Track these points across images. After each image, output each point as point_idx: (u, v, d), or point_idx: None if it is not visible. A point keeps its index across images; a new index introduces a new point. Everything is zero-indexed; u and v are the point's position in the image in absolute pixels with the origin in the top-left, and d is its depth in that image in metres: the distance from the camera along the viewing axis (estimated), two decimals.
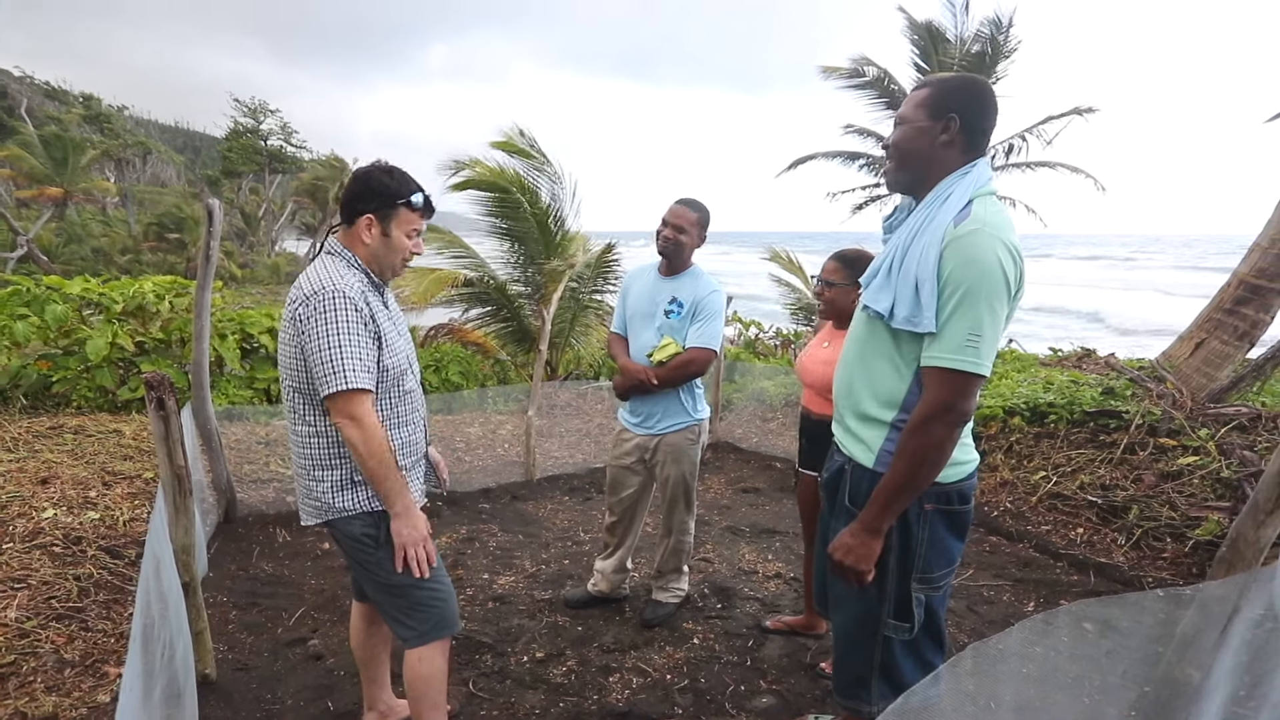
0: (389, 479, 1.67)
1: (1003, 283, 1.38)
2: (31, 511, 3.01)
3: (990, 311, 1.38)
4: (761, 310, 13.01)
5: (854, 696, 1.68)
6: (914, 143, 1.51)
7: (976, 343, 1.38)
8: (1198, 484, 3.62)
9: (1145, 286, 38.38)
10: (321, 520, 1.77)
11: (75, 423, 4.37)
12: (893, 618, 1.59)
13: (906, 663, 1.62)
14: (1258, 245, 4.72)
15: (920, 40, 12.33)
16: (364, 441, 1.63)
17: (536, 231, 8.09)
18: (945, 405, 1.41)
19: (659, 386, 2.63)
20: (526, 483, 4.87)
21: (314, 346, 1.61)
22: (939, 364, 1.42)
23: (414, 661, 1.85)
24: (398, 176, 1.72)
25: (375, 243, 1.73)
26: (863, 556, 1.51)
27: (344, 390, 1.60)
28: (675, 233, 2.61)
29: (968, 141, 1.49)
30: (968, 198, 1.45)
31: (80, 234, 26.04)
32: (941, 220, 1.44)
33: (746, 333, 10.98)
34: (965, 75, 1.58)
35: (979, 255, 1.37)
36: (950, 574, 1.63)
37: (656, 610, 2.93)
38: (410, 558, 1.72)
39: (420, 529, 1.73)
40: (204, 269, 3.16)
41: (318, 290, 1.62)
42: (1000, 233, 1.39)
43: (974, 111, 1.47)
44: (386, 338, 1.72)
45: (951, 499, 1.56)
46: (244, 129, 37.16)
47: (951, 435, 1.43)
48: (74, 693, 2.13)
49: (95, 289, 5.35)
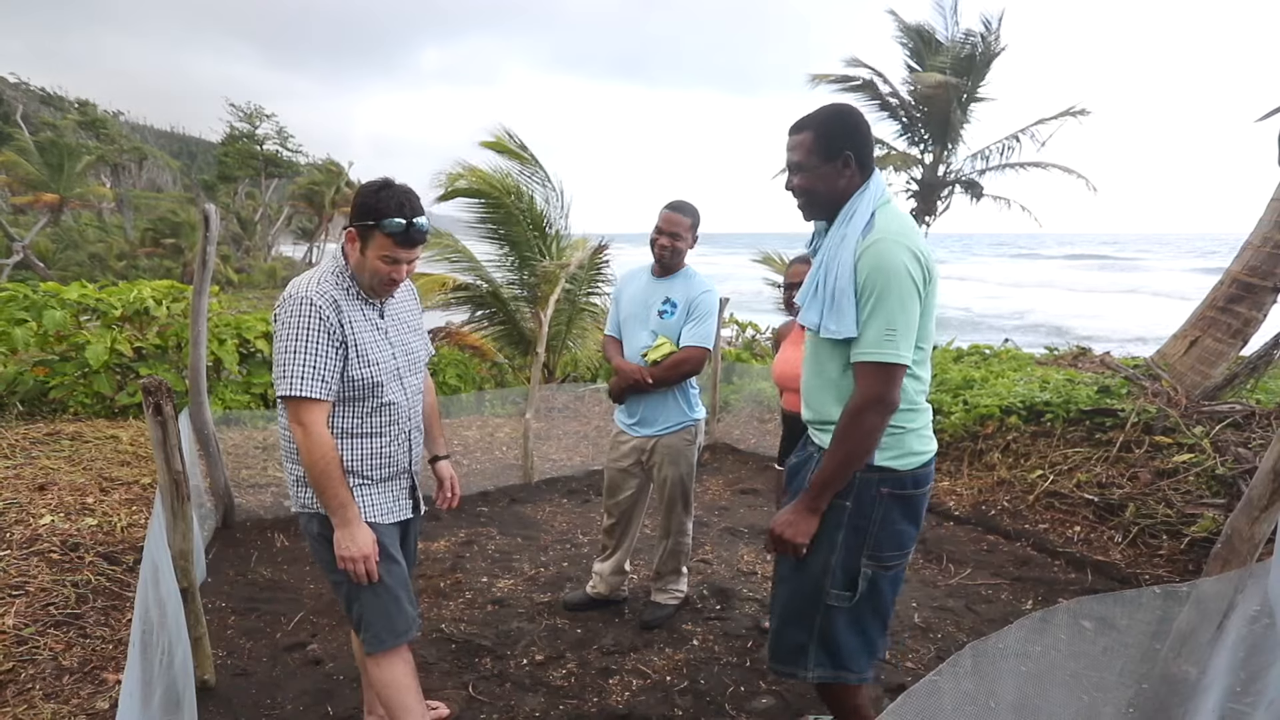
0: (327, 490, 1.68)
1: (909, 281, 1.55)
2: (29, 518, 3.00)
3: (902, 307, 1.55)
4: (758, 311, 13.03)
5: (791, 663, 1.79)
6: (820, 185, 1.68)
7: (893, 336, 1.55)
8: (1193, 481, 3.64)
9: (1114, 289, 37.81)
10: (297, 510, 1.84)
11: (72, 429, 4.35)
12: (837, 588, 1.70)
13: (847, 633, 1.73)
14: (1250, 244, 4.75)
15: (911, 43, 12.39)
16: (305, 450, 1.65)
17: (529, 235, 8.10)
18: (875, 396, 1.57)
19: (654, 386, 2.63)
20: (525, 486, 4.87)
21: (275, 349, 1.67)
22: (863, 359, 1.58)
23: (373, 668, 1.85)
24: (384, 198, 1.67)
25: (355, 258, 1.73)
26: (801, 531, 1.66)
27: (290, 396, 1.63)
28: (671, 240, 2.63)
29: (861, 167, 1.66)
30: (870, 211, 1.62)
31: (77, 240, 26.01)
32: (851, 235, 1.61)
33: (744, 334, 11.00)
34: (837, 110, 1.72)
35: (885, 261, 1.55)
36: (902, 558, 1.74)
37: (655, 612, 2.94)
38: (349, 570, 1.72)
39: (361, 546, 1.71)
40: (200, 274, 3.16)
41: (288, 296, 1.67)
42: (903, 238, 1.58)
43: (860, 142, 1.67)
44: (361, 348, 1.71)
45: (905, 484, 1.69)
46: (240, 134, 37.11)
47: (882, 422, 1.59)
48: (72, 700, 2.13)
49: (92, 295, 5.34)
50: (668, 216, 2.64)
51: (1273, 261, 4.59)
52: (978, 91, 12.32)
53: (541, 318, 5.06)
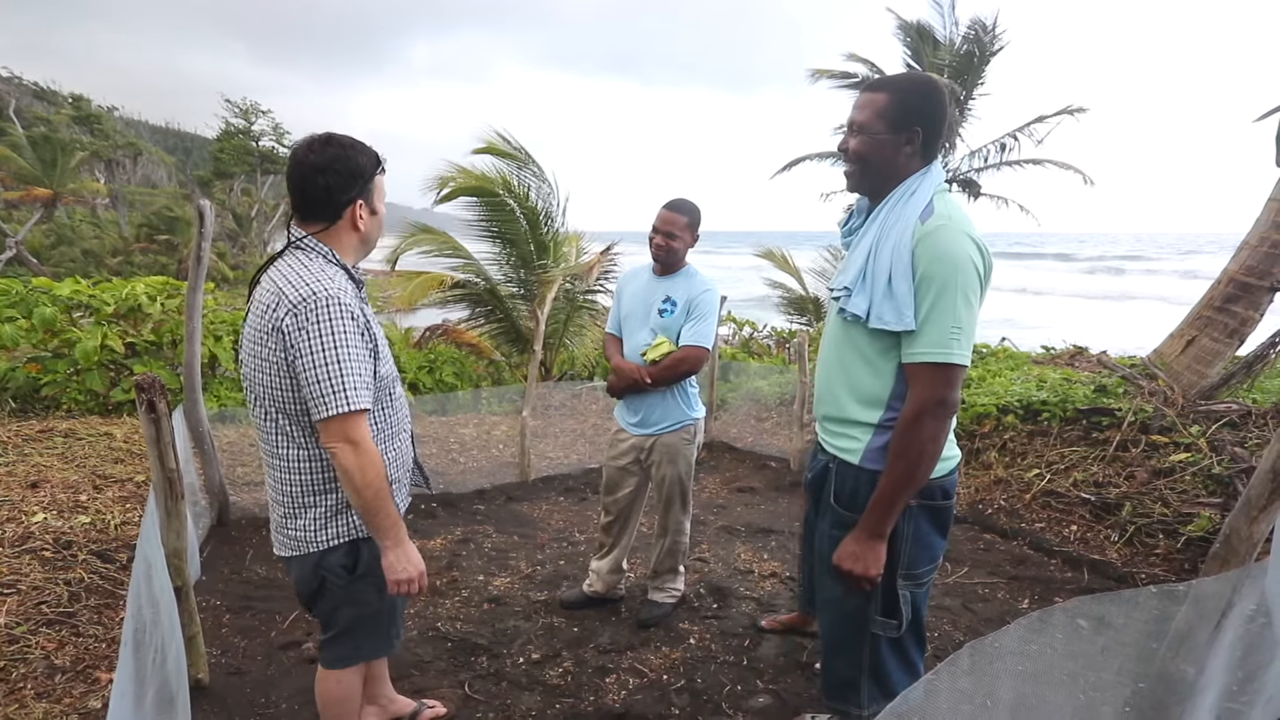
0: (383, 510, 1.51)
1: (975, 274, 1.42)
2: (21, 516, 2.98)
3: (967, 303, 1.42)
4: (755, 310, 13.03)
5: (843, 699, 1.68)
6: (878, 154, 1.53)
7: (959, 335, 1.41)
8: (1189, 480, 3.65)
9: (1098, 294, 37.30)
10: (300, 554, 1.62)
11: (65, 426, 4.33)
12: (880, 615, 1.60)
13: (893, 663, 1.63)
14: (1247, 243, 4.76)
15: (910, 40, 12.39)
16: (361, 470, 1.46)
17: (526, 233, 8.07)
18: (936, 399, 1.43)
19: (653, 385, 2.63)
20: (521, 483, 4.86)
21: (308, 363, 1.42)
22: (925, 359, 1.43)
23: (332, 684, 1.76)
24: (361, 149, 1.54)
25: (368, 225, 1.59)
26: (872, 562, 1.51)
27: (345, 413, 1.43)
28: (666, 239, 2.62)
29: (926, 150, 1.54)
30: (929, 195, 1.49)
31: (70, 236, 25.85)
32: (908, 218, 1.47)
33: (741, 332, 10.99)
34: (924, 81, 1.58)
35: (950, 250, 1.41)
36: (933, 570, 1.65)
37: (652, 610, 2.93)
38: (404, 592, 1.59)
39: (416, 563, 1.59)
40: (195, 270, 3.14)
41: (307, 297, 1.42)
42: (965, 227, 1.44)
43: (936, 122, 1.52)
44: (380, 343, 1.59)
45: (935, 494, 1.58)
46: (236, 130, 36.91)
47: (944, 427, 1.46)
48: (65, 699, 2.11)
49: (85, 291, 5.30)
50: (664, 215, 2.64)
51: (1270, 261, 4.60)
52: (975, 90, 12.34)
53: (539, 315, 5.04)
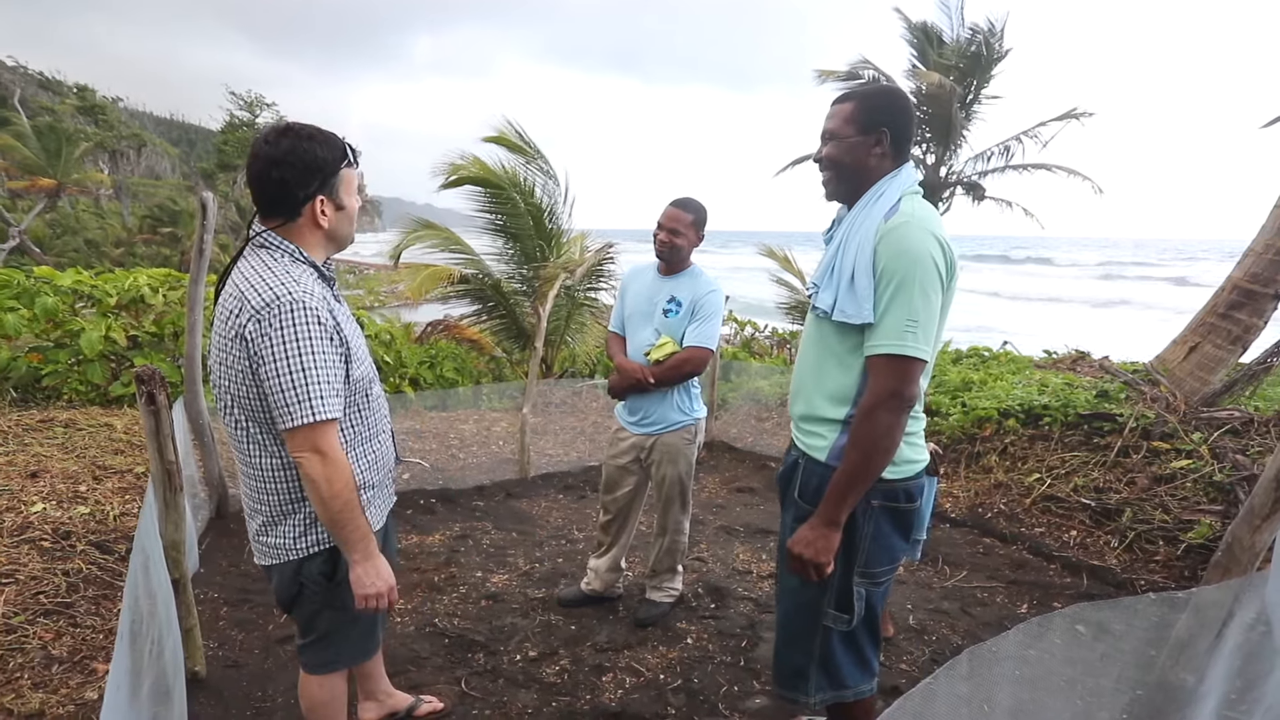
0: (350, 522, 1.45)
1: (934, 271, 1.45)
2: (20, 505, 2.98)
3: (924, 298, 1.45)
4: (757, 310, 13.02)
5: (793, 688, 1.73)
6: (849, 157, 1.59)
7: (914, 328, 1.44)
8: (1190, 487, 3.64)
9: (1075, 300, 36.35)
10: (280, 562, 1.57)
11: (66, 416, 4.33)
12: (833, 608, 1.64)
13: (844, 655, 1.68)
14: (1251, 250, 4.74)
15: (917, 42, 12.36)
16: (328, 480, 1.40)
17: (532, 228, 8.06)
18: (890, 391, 1.47)
19: (655, 385, 2.62)
20: (521, 480, 4.86)
21: (272, 370, 1.35)
22: (880, 351, 1.47)
23: (315, 688, 1.74)
24: (322, 140, 1.46)
25: (332, 221, 1.51)
26: (822, 549, 1.54)
27: (311, 423, 1.37)
28: (670, 236, 2.61)
29: (896, 151, 1.58)
30: (897, 196, 1.54)
31: (74, 226, 25.89)
32: (874, 217, 1.52)
33: (743, 332, 10.99)
34: (886, 87, 1.68)
35: (910, 246, 1.45)
36: (892, 571, 1.69)
37: (650, 609, 2.93)
38: (371, 607, 1.53)
39: (386, 577, 1.53)
40: (198, 262, 3.14)
41: (270, 302, 1.36)
42: (929, 225, 1.47)
43: (901, 123, 1.57)
44: (352, 345, 1.50)
45: (898, 497, 1.60)
46: (240, 122, 36.90)
47: (899, 421, 1.48)
48: (61, 689, 2.11)
49: (88, 281, 5.30)
50: (670, 212, 2.63)
51: (1275, 268, 4.58)
52: (982, 92, 12.30)
53: (540, 312, 5.04)
